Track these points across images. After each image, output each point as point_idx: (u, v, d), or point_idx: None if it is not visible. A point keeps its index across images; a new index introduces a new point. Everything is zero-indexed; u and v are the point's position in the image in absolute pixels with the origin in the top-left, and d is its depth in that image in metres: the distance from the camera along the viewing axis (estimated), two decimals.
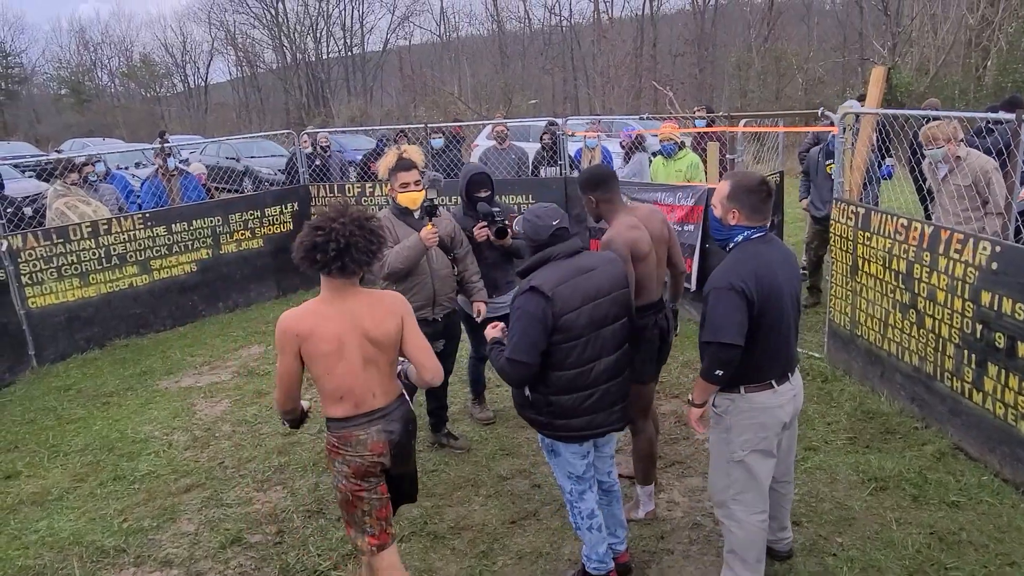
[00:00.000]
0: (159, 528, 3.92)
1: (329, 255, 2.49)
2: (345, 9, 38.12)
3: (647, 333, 3.47)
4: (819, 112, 5.55)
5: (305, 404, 2.85)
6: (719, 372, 2.68)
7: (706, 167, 6.84)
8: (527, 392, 2.98)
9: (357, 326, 2.57)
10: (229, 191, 10.55)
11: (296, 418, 2.84)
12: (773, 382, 2.76)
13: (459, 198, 4.56)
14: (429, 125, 8.64)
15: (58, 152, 15.59)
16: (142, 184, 8.60)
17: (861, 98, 7.18)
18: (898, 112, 5.13)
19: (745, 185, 2.73)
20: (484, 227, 4.34)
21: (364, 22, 38.69)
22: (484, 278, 4.40)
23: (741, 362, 2.68)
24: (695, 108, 9.26)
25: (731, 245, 2.78)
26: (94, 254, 6.76)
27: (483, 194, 4.42)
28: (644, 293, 3.42)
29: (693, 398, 2.87)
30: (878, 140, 5.21)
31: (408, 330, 2.70)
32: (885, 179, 6.05)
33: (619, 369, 3.02)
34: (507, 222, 4.27)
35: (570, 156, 7.84)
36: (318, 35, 38.23)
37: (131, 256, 7.03)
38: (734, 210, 2.72)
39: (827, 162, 6.21)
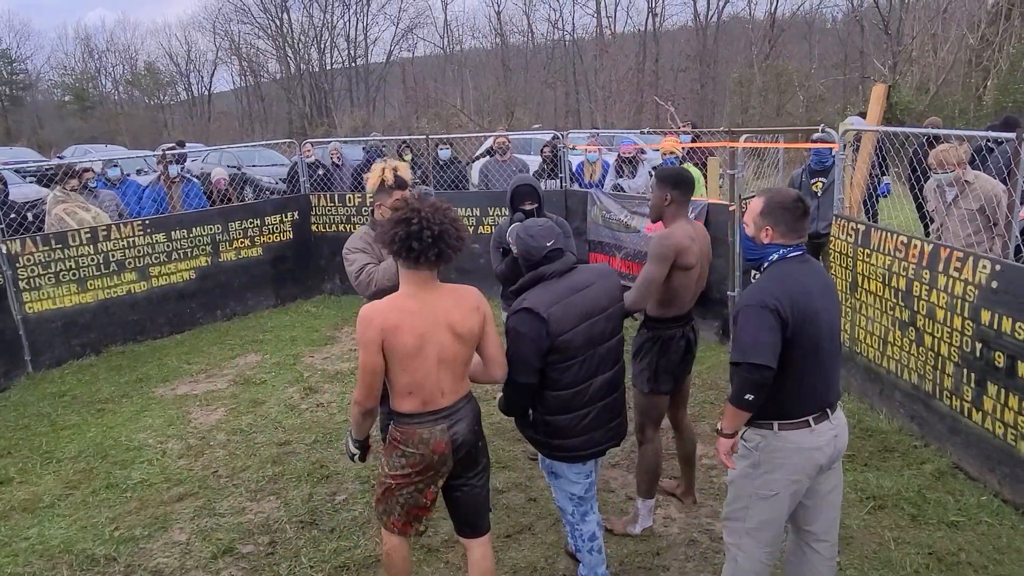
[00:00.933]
0: (150, 537, 3.88)
1: (425, 242, 2.48)
2: (349, 21, 38.41)
3: (673, 344, 3.47)
4: (820, 128, 5.56)
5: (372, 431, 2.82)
6: (749, 396, 2.44)
7: (707, 182, 6.84)
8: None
9: (442, 321, 2.56)
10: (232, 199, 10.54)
11: (364, 440, 2.82)
12: (811, 420, 2.53)
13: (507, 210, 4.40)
14: (430, 136, 8.66)
15: (60, 158, 15.62)
16: (143, 190, 8.60)
17: (862, 115, 7.21)
18: (899, 130, 5.14)
19: (779, 201, 2.56)
20: None
21: (368, 34, 38.99)
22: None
23: (774, 392, 2.48)
24: (682, 124, 9.30)
25: (765, 264, 2.60)
26: (92, 260, 6.75)
27: (528, 206, 4.07)
28: (676, 304, 3.42)
29: (723, 427, 2.59)
30: (877, 158, 5.21)
31: (488, 324, 2.70)
32: (883, 197, 6.06)
33: (615, 385, 2.99)
34: None
35: (571, 170, 7.85)
36: (322, 46, 38.51)
37: (130, 263, 7.02)
38: (768, 227, 2.56)
39: (812, 181, 6.21)
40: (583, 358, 2.83)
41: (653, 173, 7.06)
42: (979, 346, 3.83)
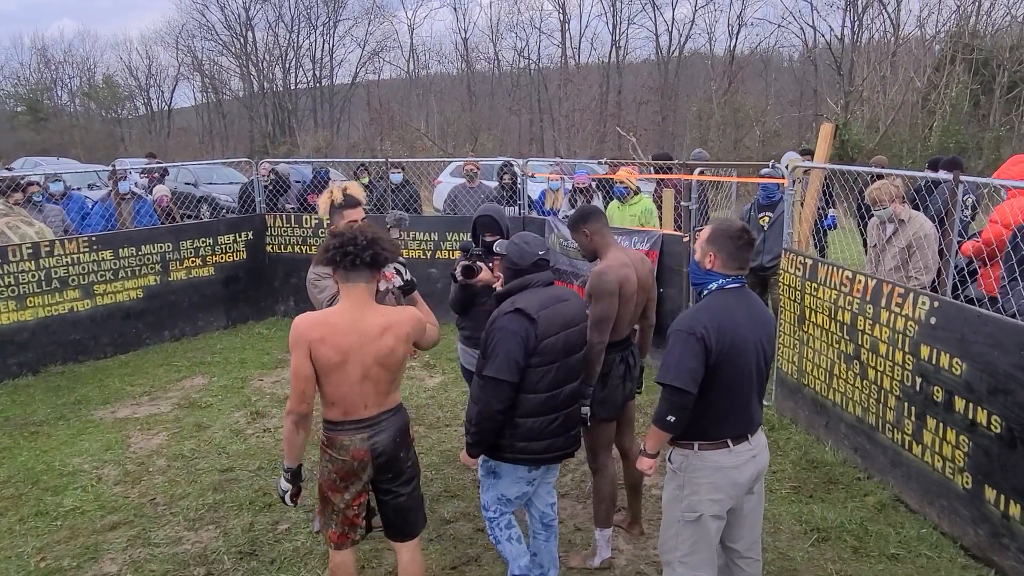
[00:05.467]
0: (79, 568, 3.71)
1: (360, 245, 2.63)
2: (315, 41, 38.31)
3: (613, 369, 3.49)
4: (770, 165, 5.69)
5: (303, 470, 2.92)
6: (671, 418, 2.61)
7: (661, 214, 6.94)
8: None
9: (367, 345, 2.66)
10: (189, 216, 10.36)
11: (297, 470, 2.86)
12: (729, 441, 2.68)
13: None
14: (390, 160, 8.62)
15: (9, 170, 15.14)
16: (93, 205, 8.38)
17: (804, 152, 7.42)
18: (842, 167, 5.29)
19: (725, 230, 2.72)
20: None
21: (334, 55, 38.91)
22: (477, 326, 3.65)
23: (696, 416, 2.63)
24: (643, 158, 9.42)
25: (705, 292, 2.75)
26: (33, 276, 6.52)
27: (489, 238, 3.95)
28: (616, 331, 3.44)
29: (646, 447, 2.79)
30: (823, 193, 5.36)
31: (417, 340, 2.84)
32: (829, 229, 6.23)
33: (576, 396, 3.13)
34: (479, 263, 3.81)
35: (530, 197, 7.89)
36: (287, 65, 38.27)
37: (73, 280, 6.79)
38: (711, 253, 2.71)
39: (759, 215, 6.35)
40: (559, 364, 2.96)
41: (607, 202, 7.14)
42: (919, 380, 3.92)
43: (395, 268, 3.14)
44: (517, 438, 2.97)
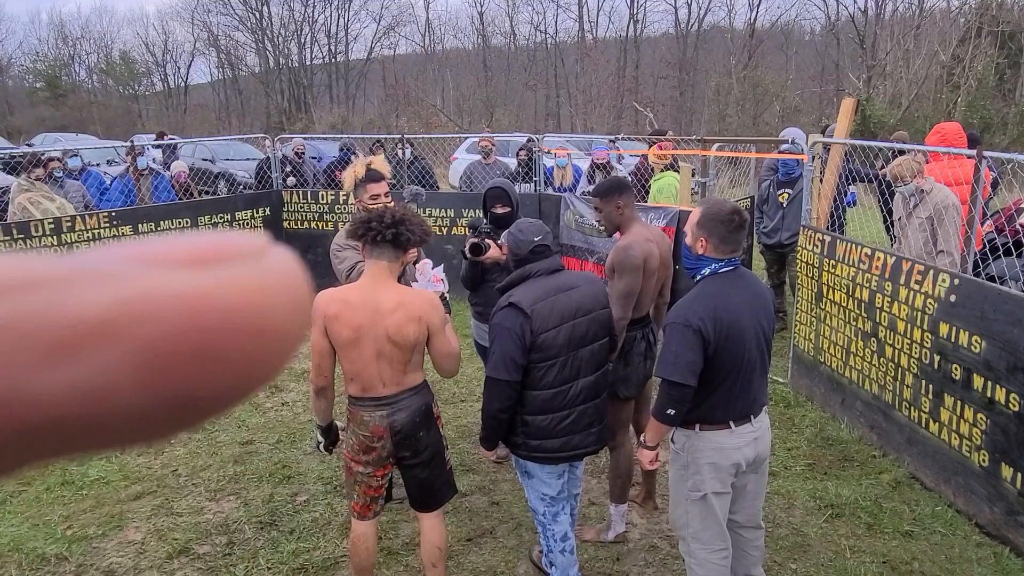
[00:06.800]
0: (104, 536, 3.81)
1: (385, 223, 2.65)
2: (330, 16, 38.09)
3: (634, 347, 3.48)
4: (790, 140, 5.61)
5: (339, 423, 3.03)
6: (670, 411, 2.61)
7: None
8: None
9: (379, 323, 2.68)
10: (206, 192, 10.47)
11: (328, 427, 3.04)
12: (731, 423, 2.68)
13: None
14: (406, 136, 8.60)
15: (29, 146, 15.31)
16: (112, 181, 8.45)
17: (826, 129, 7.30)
18: (864, 143, 5.21)
19: (715, 213, 2.63)
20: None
21: (349, 29, 38.69)
22: (488, 302, 3.76)
23: (699, 401, 2.63)
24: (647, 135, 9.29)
25: (698, 277, 2.69)
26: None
27: (499, 210, 3.98)
28: (637, 307, 3.43)
29: (646, 439, 2.79)
30: (845, 170, 5.29)
31: (433, 334, 2.78)
32: (849, 206, 6.15)
33: (598, 390, 2.99)
34: (487, 241, 3.82)
35: (545, 174, 7.86)
36: (302, 40, 38.12)
37: None
38: (702, 238, 2.64)
39: (778, 192, 6.28)
40: (565, 358, 2.84)
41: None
42: (937, 358, 3.90)
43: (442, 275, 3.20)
44: (529, 436, 2.90)
